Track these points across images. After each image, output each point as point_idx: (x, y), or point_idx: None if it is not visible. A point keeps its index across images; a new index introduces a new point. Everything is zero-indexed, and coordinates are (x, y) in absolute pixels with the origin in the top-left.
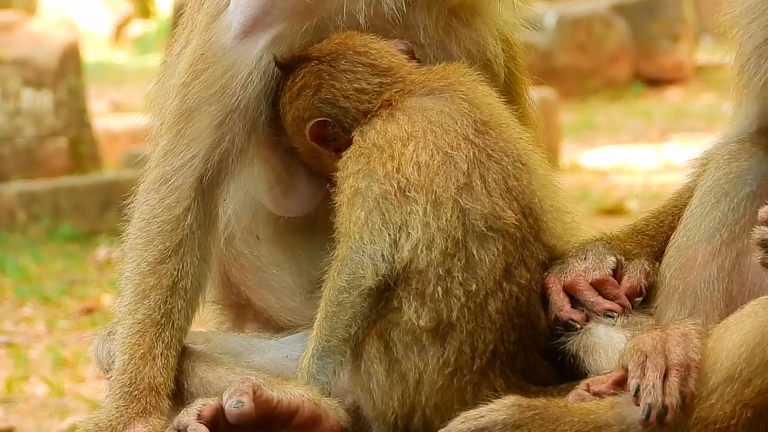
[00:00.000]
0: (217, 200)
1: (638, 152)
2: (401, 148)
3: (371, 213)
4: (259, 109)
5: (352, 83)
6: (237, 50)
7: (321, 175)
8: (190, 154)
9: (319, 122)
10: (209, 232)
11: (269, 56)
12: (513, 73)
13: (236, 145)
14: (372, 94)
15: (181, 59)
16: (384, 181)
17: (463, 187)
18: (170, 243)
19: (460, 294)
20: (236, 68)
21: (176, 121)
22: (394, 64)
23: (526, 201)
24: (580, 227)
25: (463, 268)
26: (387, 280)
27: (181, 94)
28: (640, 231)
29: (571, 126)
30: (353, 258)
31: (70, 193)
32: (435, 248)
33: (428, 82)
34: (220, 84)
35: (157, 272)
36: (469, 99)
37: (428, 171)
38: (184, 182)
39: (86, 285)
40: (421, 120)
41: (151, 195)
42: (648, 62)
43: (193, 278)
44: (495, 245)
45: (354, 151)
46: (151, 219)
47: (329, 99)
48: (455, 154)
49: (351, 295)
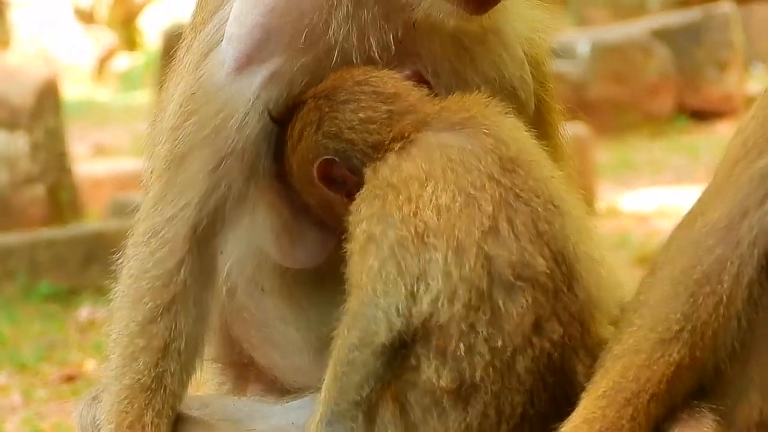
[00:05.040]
0: (214, 252)
1: (683, 194)
2: (419, 189)
3: (386, 262)
4: (258, 152)
5: (356, 113)
6: (231, 88)
7: (336, 228)
8: (182, 202)
9: (326, 161)
10: (206, 288)
11: (267, 94)
12: (544, 101)
13: (233, 192)
14: (380, 124)
15: (172, 100)
16: (400, 226)
17: (489, 232)
18: (161, 300)
19: (485, 351)
20: (231, 108)
21: (167, 168)
22: (400, 90)
23: (558, 247)
24: (618, 278)
25: (489, 322)
26: (403, 336)
27: (171, 138)
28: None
29: (607, 165)
30: (365, 312)
31: (48, 246)
32: (457, 300)
33: (446, 115)
34: (214, 125)
35: (147, 332)
36: (493, 134)
37: (449, 214)
38: (176, 233)
39: (67, 349)
40: (440, 158)
41: (140, 249)
42: (693, 93)
43: (188, 339)
44: (524, 296)
45: (367, 193)
46: (140, 275)
47: (333, 132)
48: (479, 195)
49: (363, 353)
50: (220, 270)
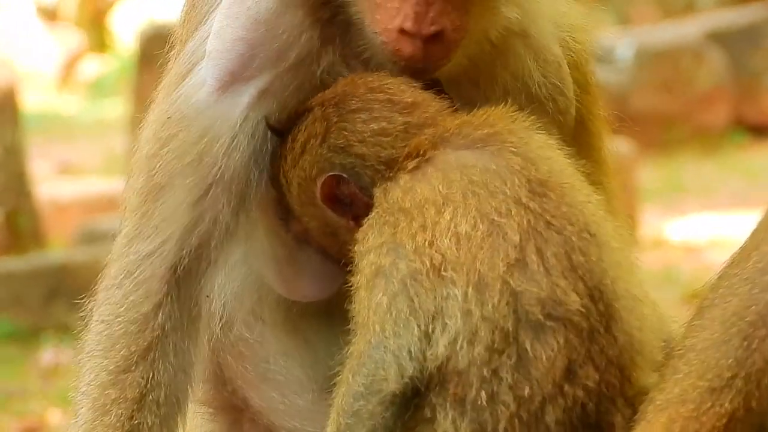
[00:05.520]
0: (198, 295)
1: (738, 221)
2: (435, 215)
3: (396, 298)
4: (248, 180)
5: (368, 123)
6: (214, 109)
7: (339, 260)
8: (159, 238)
9: (332, 177)
10: (187, 336)
11: (257, 114)
12: (586, 109)
13: (220, 226)
14: (395, 137)
15: (147, 125)
16: (414, 257)
17: (515, 265)
18: (136, 347)
19: (510, 400)
20: (215, 131)
21: (143, 201)
22: (418, 99)
23: (594, 282)
24: (663, 318)
25: (514, 367)
26: (416, 383)
27: (147, 167)
28: None
29: (652, 187)
30: (373, 355)
31: (6, 280)
32: (478, 343)
33: (468, 131)
34: (197, 151)
35: (120, 383)
36: (521, 152)
37: (470, 244)
38: (153, 273)
39: (27, 398)
40: (460, 179)
41: (112, 292)
42: (751, 104)
43: (168, 390)
44: (555, 338)
45: (375, 219)
46: (112, 320)
47: (341, 146)
48: (504, 222)
49: (369, 402)
50: (206, 315)
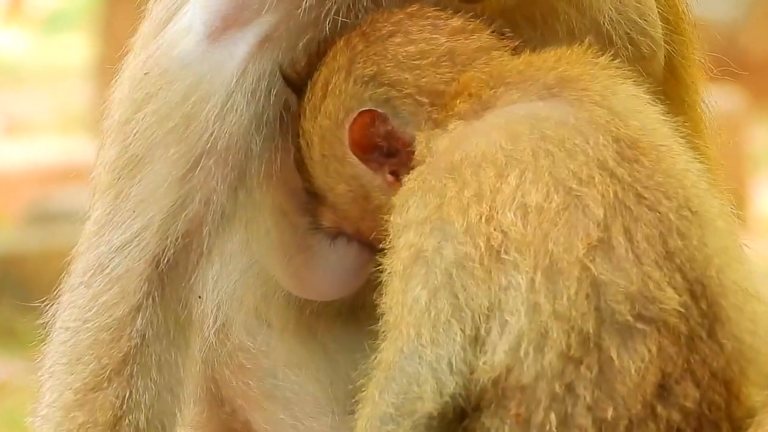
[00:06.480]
0: (186, 295)
1: None
2: (495, 179)
3: (438, 294)
4: (247, 150)
5: (404, 46)
6: (204, 63)
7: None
8: (137, 224)
9: (363, 114)
10: (174, 345)
11: (257, 67)
12: (678, 54)
13: (212, 208)
14: (438, 61)
15: (120, 84)
16: (464, 239)
17: (597, 247)
18: (109, 360)
19: (587, 424)
20: (205, 89)
21: (116, 178)
22: (468, 27)
23: (696, 273)
24: None
25: (595, 381)
26: (460, 402)
27: (121, 136)
28: None
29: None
30: (404, 368)
31: None
32: (549, 348)
33: (536, 75)
34: (182, 114)
35: (88, 403)
36: (606, 104)
37: (540, 219)
38: (129, 268)
39: None
40: (529, 134)
41: (79, 293)
42: None
43: (149, 412)
44: (646, 345)
45: (418, 178)
46: (79, 327)
47: (370, 74)
48: (585, 192)
49: (400, 426)
50: (197, 320)
